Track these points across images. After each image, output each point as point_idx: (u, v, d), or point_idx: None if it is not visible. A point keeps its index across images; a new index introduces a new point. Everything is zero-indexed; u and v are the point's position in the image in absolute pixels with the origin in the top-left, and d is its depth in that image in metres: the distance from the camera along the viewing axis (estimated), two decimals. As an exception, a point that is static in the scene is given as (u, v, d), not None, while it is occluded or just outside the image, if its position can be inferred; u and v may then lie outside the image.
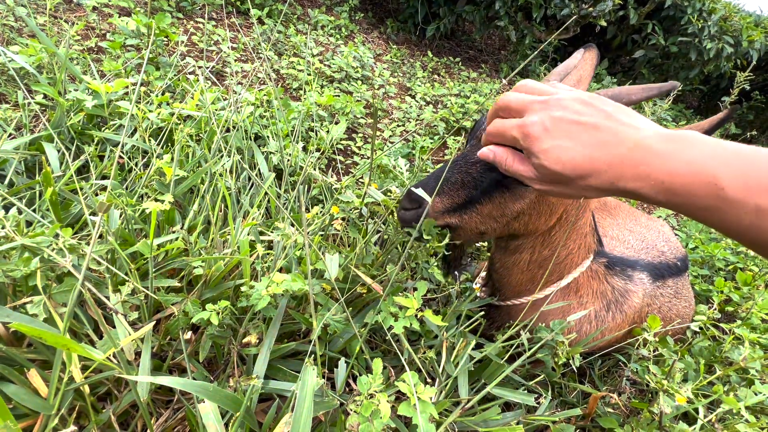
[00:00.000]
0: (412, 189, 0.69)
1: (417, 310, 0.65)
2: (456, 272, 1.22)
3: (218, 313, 0.61)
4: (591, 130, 0.47)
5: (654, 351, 0.86)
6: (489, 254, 1.07)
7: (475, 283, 0.99)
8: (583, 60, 0.80)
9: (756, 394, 0.79)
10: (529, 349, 0.72)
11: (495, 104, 0.59)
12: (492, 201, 0.69)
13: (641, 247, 1.10)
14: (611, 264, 0.89)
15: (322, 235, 0.88)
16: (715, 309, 1.05)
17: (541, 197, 0.70)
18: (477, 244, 1.20)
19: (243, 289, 0.66)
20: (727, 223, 0.40)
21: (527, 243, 0.79)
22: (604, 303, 0.86)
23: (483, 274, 0.98)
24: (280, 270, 0.77)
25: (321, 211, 0.89)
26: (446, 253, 0.86)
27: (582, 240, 0.81)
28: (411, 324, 0.64)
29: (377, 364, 0.53)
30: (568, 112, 0.49)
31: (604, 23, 3.30)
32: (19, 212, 0.77)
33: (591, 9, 3.20)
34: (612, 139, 0.46)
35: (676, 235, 1.66)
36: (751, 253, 1.49)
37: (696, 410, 0.79)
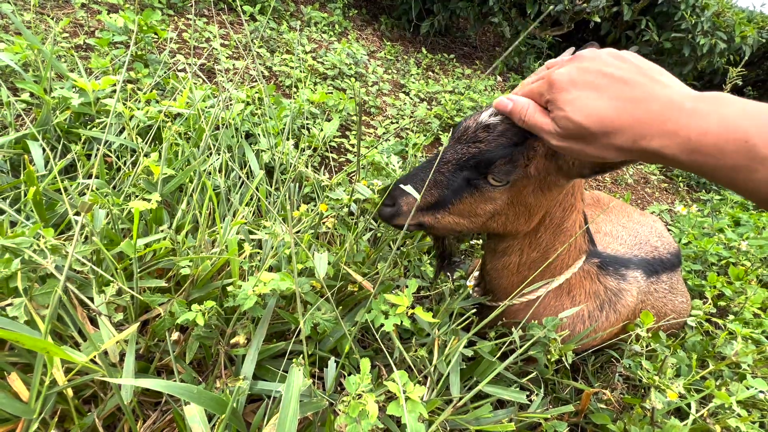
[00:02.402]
0: (400, 186, 0.69)
1: (408, 307, 0.64)
2: (448, 270, 1.21)
3: (204, 314, 0.60)
4: (619, 83, 0.45)
5: (647, 346, 0.86)
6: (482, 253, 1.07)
7: (469, 281, 0.98)
8: None
9: (747, 389, 0.79)
10: (521, 347, 0.71)
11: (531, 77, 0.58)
12: (462, 201, 0.69)
13: (634, 242, 1.10)
14: (604, 264, 0.88)
15: (312, 233, 0.87)
16: (710, 303, 1.05)
17: (516, 197, 0.69)
18: (471, 242, 1.20)
19: (230, 289, 0.65)
20: (756, 182, 0.39)
21: (515, 245, 0.78)
22: (597, 303, 0.86)
23: (476, 273, 0.97)
24: (270, 269, 0.76)
25: (310, 209, 0.88)
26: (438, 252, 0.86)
27: (570, 241, 0.80)
28: (402, 322, 0.63)
29: (365, 364, 0.52)
30: (597, 63, 0.47)
31: (598, 19, 3.30)
32: (1, 212, 0.75)
33: (585, 5, 3.19)
34: (641, 95, 0.44)
35: (669, 230, 1.67)
36: (743, 247, 1.49)
37: (688, 405, 0.79)
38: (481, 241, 1.26)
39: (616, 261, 0.92)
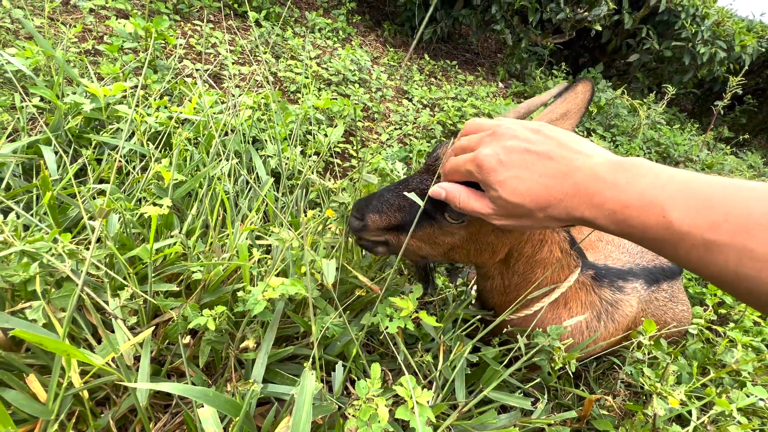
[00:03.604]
0: (361, 200, 0.71)
1: (412, 311, 0.66)
2: (451, 275, 1.22)
3: (215, 319, 0.62)
4: (545, 159, 0.47)
5: (648, 354, 0.87)
6: None
7: (471, 289, 0.99)
8: (574, 92, 0.76)
9: (748, 396, 0.80)
10: (526, 354, 0.72)
11: (452, 148, 0.60)
12: (423, 230, 0.69)
13: (637, 250, 1.12)
14: (599, 275, 0.89)
15: (318, 239, 0.88)
16: (710, 311, 1.06)
17: (475, 235, 0.69)
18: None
19: (240, 294, 0.67)
20: (680, 256, 0.39)
21: (492, 270, 0.79)
22: (594, 313, 0.87)
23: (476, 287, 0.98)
24: (278, 274, 0.78)
25: (317, 215, 0.90)
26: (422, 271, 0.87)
27: (552, 265, 0.80)
28: (405, 325, 0.65)
29: (375, 369, 0.53)
30: (520, 141, 0.49)
31: (599, 27, 3.33)
32: (17, 216, 0.77)
33: (586, 14, 3.23)
34: (566, 168, 0.46)
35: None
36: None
37: (689, 412, 0.80)
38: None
39: (612, 272, 0.94)
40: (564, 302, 0.84)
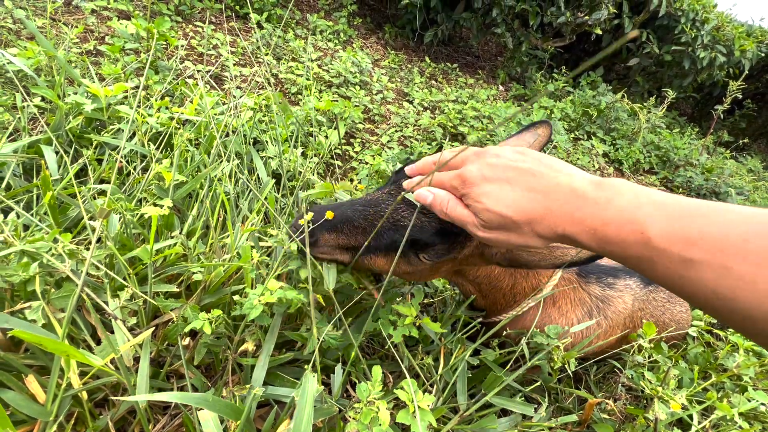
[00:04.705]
0: (314, 208, 0.67)
1: (415, 317, 0.66)
2: None
3: (211, 323, 0.61)
4: (527, 175, 0.48)
5: (649, 357, 0.87)
6: None
7: None
8: (532, 133, 0.76)
9: (749, 401, 0.80)
10: (527, 357, 0.72)
11: (424, 161, 0.60)
12: (386, 257, 0.66)
13: None
14: (584, 272, 0.89)
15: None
16: (709, 315, 1.06)
17: (436, 270, 0.67)
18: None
19: (236, 298, 0.66)
20: (659, 273, 0.39)
21: (479, 280, 0.78)
22: (585, 310, 0.87)
23: None
24: (279, 277, 0.78)
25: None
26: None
27: (533, 276, 0.81)
28: (410, 332, 0.65)
29: (376, 371, 0.53)
30: (503, 159, 0.50)
31: (599, 31, 3.34)
32: (17, 216, 0.77)
33: (587, 18, 3.24)
34: (549, 185, 0.47)
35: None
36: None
37: (690, 416, 0.80)
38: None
39: (600, 269, 0.94)
40: (552, 301, 0.84)
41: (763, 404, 0.81)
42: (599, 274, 0.92)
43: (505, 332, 0.87)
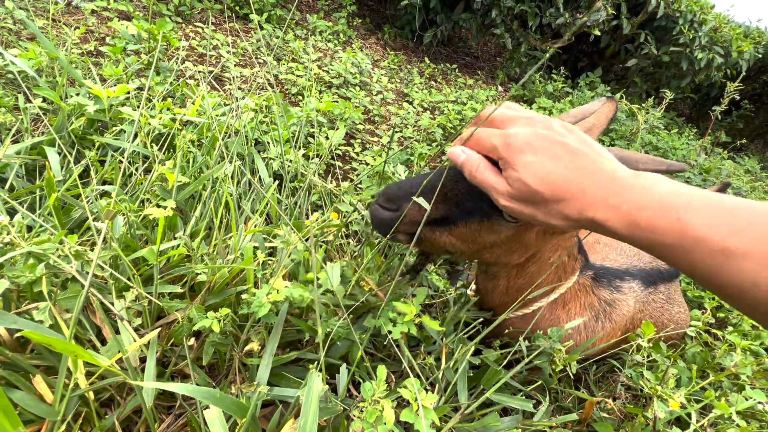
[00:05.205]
0: (392, 187, 0.65)
1: (415, 315, 0.66)
2: (450, 277, 1.23)
3: (219, 321, 0.62)
4: (571, 153, 0.47)
5: (648, 357, 0.88)
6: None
7: (470, 290, 1.00)
8: (600, 110, 0.77)
9: (747, 399, 0.81)
10: (527, 356, 0.73)
11: (476, 117, 0.58)
12: (468, 226, 0.66)
13: (633, 252, 1.13)
14: (598, 276, 0.90)
15: (324, 243, 0.89)
16: (709, 314, 1.07)
17: (516, 235, 0.67)
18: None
19: (244, 296, 0.67)
20: (692, 262, 0.39)
21: (502, 272, 0.79)
22: (592, 314, 0.88)
23: (474, 287, 0.99)
24: (285, 276, 0.78)
25: (320, 218, 0.90)
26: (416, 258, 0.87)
27: (561, 267, 0.81)
28: (409, 329, 0.65)
29: (381, 371, 0.54)
30: (553, 132, 0.49)
31: (597, 32, 3.36)
32: (22, 217, 0.77)
33: (585, 18, 3.25)
34: (591, 167, 0.46)
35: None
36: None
37: (689, 415, 0.81)
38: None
39: (610, 272, 0.95)
40: (563, 303, 0.85)
41: (760, 403, 0.82)
42: (610, 277, 0.93)
43: (507, 331, 0.88)
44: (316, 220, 0.87)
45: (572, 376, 0.85)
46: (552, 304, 0.84)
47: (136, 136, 1.14)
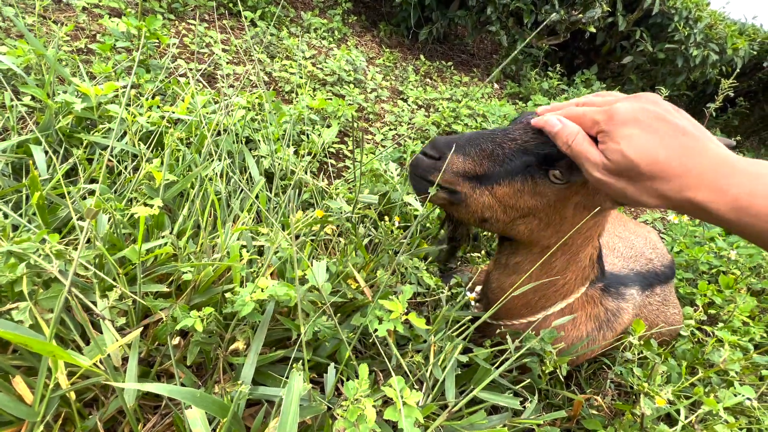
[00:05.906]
0: (440, 138, 0.65)
1: (402, 313, 0.66)
2: (444, 276, 1.23)
3: (203, 320, 0.61)
4: (677, 132, 0.46)
5: (639, 354, 0.88)
6: (485, 268, 1.08)
7: (468, 291, 0.99)
8: None
9: (735, 395, 0.81)
10: (517, 355, 0.73)
11: (566, 103, 0.58)
12: (511, 185, 0.64)
13: (630, 254, 1.12)
14: (607, 287, 0.88)
15: (313, 240, 0.88)
16: (700, 311, 1.07)
17: (555, 205, 0.66)
18: (474, 242, 1.18)
19: (228, 295, 0.67)
20: None
21: (526, 263, 0.77)
22: (596, 324, 0.87)
23: (479, 288, 0.98)
24: (272, 275, 0.78)
25: (307, 216, 0.90)
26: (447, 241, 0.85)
27: (580, 272, 0.80)
28: (395, 327, 0.65)
29: (363, 369, 0.54)
30: (659, 109, 0.48)
31: (593, 29, 3.35)
32: (5, 216, 0.76)
33: (581, 16, 3.25)
34: (695, 147, 0.45)
35: (662, 239, 1.69)
36: (733, 256, 1.52)
37: (678, 411, 0.81)
38: (477, 254, 1.28)
39: (617, 280, 0.93)
40: (570, 313, 0.84)
41: (748, 399, 0.82)
42: (616, 285, 0.92)
43: (498, 331, 0.87)
44: (302, 218, 0.87)
45: (562, 379, 0.85)
46: (558, 314, 0.82)
47: (125, 134, 1.13)
